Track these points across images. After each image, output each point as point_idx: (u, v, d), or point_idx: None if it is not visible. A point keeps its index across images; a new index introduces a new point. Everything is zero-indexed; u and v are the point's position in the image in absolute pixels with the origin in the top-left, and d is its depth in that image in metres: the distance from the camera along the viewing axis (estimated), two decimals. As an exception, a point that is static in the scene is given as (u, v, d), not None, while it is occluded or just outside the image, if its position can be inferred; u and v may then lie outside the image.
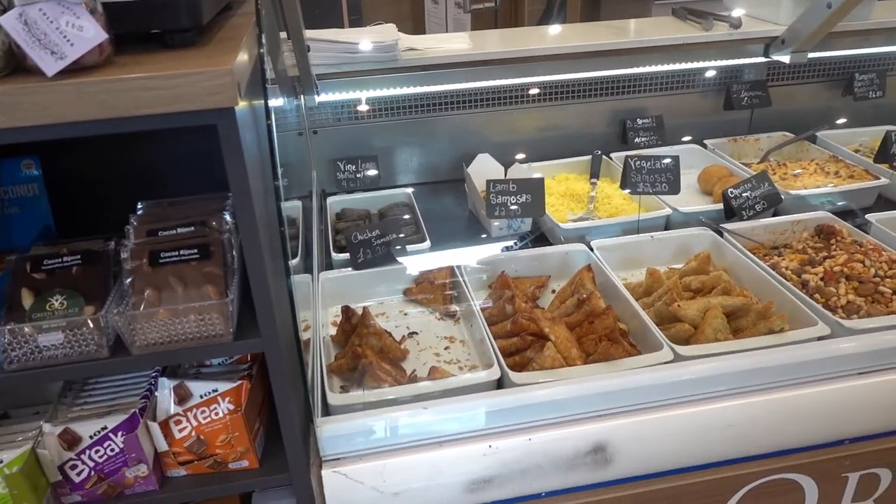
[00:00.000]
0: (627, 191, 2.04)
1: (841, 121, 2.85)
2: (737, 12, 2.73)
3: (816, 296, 1.73)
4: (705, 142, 2.72)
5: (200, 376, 1.35)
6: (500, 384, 1.51)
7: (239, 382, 1.31)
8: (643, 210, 2.16)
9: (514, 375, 1.47)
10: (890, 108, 2.85)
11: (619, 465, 1.44)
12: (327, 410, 1.45)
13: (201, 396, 1.30)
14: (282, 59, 2.14)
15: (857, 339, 1.54)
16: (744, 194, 2.11)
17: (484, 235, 2.26)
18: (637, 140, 2.71)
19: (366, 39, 2.34)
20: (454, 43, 2.54)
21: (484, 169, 2.46)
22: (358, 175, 2.49)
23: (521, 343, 1.59)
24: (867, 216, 2.08)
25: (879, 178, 2.32)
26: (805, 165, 2.53)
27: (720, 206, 2.16)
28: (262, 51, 1.28)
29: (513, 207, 1.89)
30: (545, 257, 1.99)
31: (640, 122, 2.71)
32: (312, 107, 2.48)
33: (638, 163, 1.99)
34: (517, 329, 1.63)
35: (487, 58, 2.49)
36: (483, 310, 1.75)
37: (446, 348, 1.74)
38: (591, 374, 1.47)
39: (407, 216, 2.30)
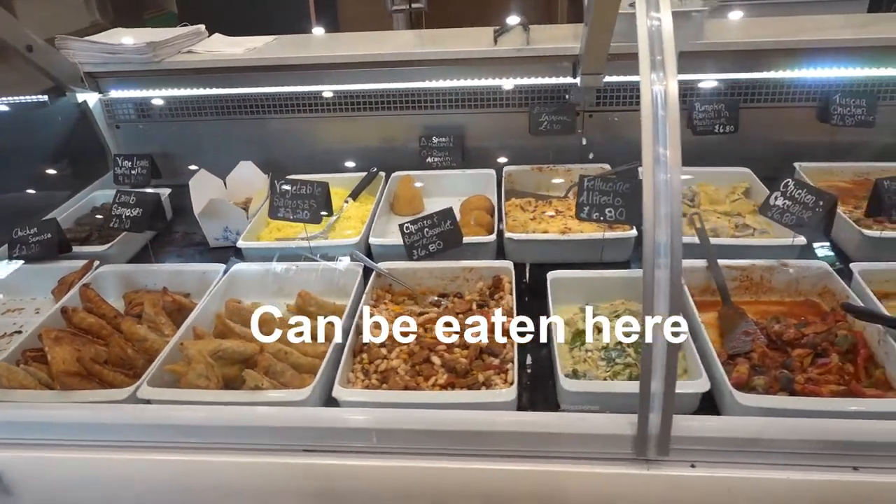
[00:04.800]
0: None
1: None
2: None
3: (364, 355, 1.52)
4: (505, 168, 2.44)
5: None
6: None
7: None
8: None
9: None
10: (738, 148, 2.37)
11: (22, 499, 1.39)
12: None
13: None
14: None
15: (304, 411, 1.35)
16: (420, 231, 1.89)
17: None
18: (430, 160, 2.51)
19: (126, 40, 2.38)
20: (235, 47, 2.51)
21: (242, 177, 2.42)
22: (133, 171, 2.55)
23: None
24: (550, 273, 1.77)
25: (632, 230, 1.95)
26: (572, 205, 2.19)
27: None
28: None
29: (126, 219, 1.86)
30: (183, 273, 1.92)
31: (434, 140, 2.50)
32: (109, 101, 2.59)
33: (283, 187, 1.86)
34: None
35: (259, 64, 2.43)
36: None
37: (24, 352, 1.76)
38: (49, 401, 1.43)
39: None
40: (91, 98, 2.56)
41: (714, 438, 1.22)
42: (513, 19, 2.56)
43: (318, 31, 4.18)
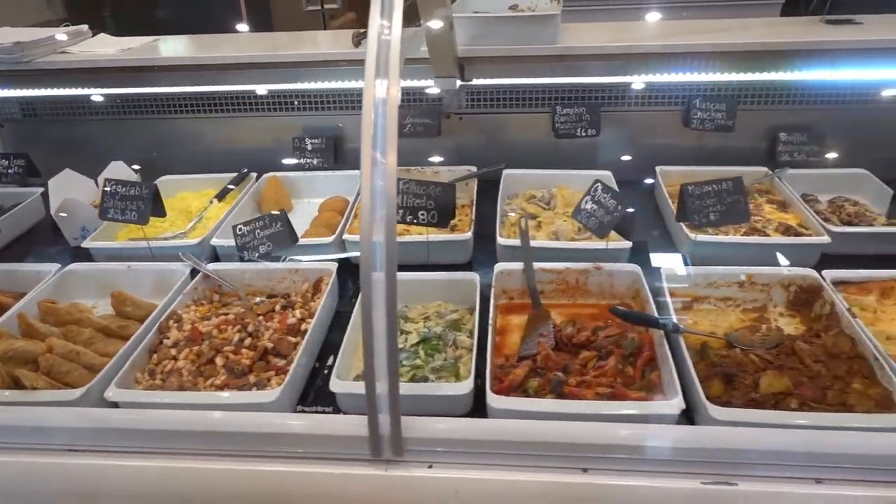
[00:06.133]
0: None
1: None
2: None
3: (155, 356, 1.54)
4: (375, 169, 2.45)
5: None
6: None
7: None
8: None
9: None
10: (604, 152, 2.39)
11: None
12: None
13: None
14: None
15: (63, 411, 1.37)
16: (252, 232, 1.90)
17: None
18: (302, 161, 2.53)
19: (-3, 40, 2.40)
20: (109, 47, 2.52)
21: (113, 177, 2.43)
22: (10, 171, 2.56)
23: None
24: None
25: (467, 232, 1.97)
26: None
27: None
28: None
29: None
30: (17, 273, 1.94)
31: (308, 141, 2.52)
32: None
33: (112, 188, 1.87)
34: None
35: (127, 64, 2.44)
36: None
37: None
38: None
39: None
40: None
41: (448, 440, 1.24)
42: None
43: (242, 28, 4.21)
